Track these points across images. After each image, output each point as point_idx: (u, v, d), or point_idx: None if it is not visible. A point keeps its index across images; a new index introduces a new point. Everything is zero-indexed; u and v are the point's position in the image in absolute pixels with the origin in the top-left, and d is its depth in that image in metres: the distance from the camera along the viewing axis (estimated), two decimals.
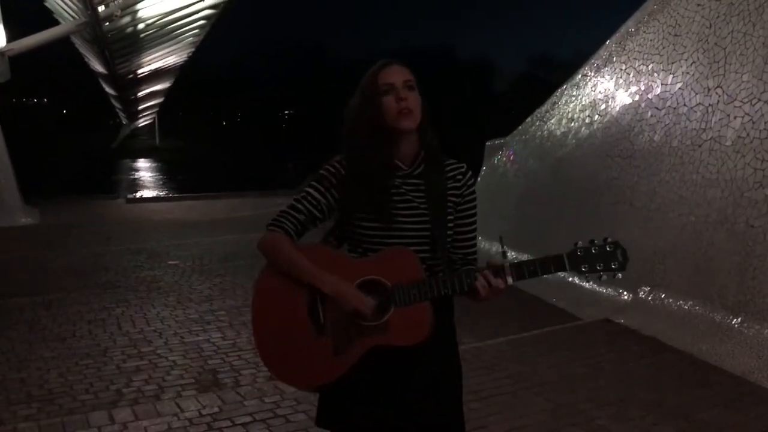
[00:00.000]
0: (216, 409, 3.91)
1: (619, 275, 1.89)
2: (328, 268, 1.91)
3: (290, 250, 1.94)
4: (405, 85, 1.95)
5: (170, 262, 9.01)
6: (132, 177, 37.23)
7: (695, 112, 5.60)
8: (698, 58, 5.72)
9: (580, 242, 1.93)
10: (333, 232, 2.07)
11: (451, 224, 2.03)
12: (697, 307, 5.05)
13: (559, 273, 2.00)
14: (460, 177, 2.07)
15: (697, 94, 5.63)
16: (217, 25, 24.87)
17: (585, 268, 1.90)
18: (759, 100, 4.99)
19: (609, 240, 1.92)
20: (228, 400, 4.03)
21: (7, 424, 3.82)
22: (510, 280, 1.91)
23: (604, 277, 1.90)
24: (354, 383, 1.92)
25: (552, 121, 8.10)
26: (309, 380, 1.95)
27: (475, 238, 2.11)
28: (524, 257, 2.04)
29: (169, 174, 38.16)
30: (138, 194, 23.88)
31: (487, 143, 9.90)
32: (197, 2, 20.07)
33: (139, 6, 18.19)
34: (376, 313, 1.88)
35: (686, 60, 5.87)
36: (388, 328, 1.87)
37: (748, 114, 5.05)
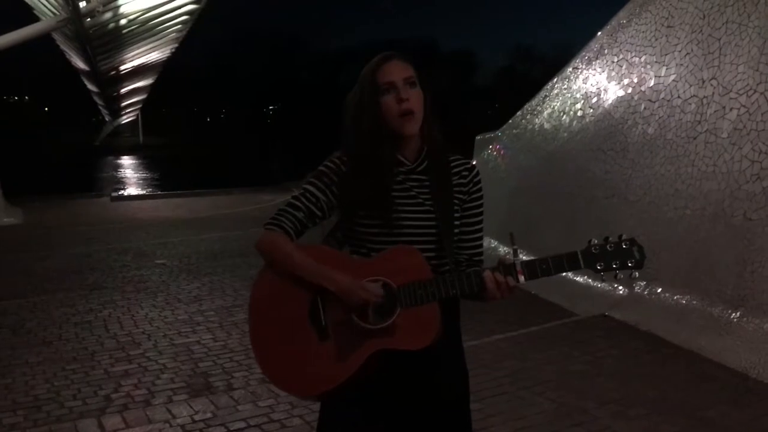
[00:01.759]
0: (209, 415, 3.81)
1: (636, 273, 1.81)
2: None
3: (289, 247, 1.84)
4: (406, 82, 1.86)
5: (157, 262, 8.86)
6: (116, 175, 36.87)
7: (690, 104, 5.55)
8: (692, 50, 5.66)
9: (594, 239, 1.83)
10: (334, 232, 1.98)
11: (457, 222, 1.94)
12: (694, 302, 5.00)
13: None
14: (466, 173, 1.98)
15: (691, 86, 5.57)
16: (200, 20, 24.62)
17: (600, 266, 1.81)
18: (755, 91, 4.93)
19: (624, 237, 1.83)
20: (221, 405, 3.92)
21: None
22: (522, 278, 1.81)
23: (621, 275, 1.82)
24: (356, 390, 1.82)
25: (543, 114, 8.03)
26: (310, 387, 1.84)
27: (482, 238, 2.01)
28: (517, 253, 1.94)
29: (153, 171, 37.86)
30: (123, 192, 23.62)
31: (477, 137, 9.83)
32: None
33: (121, 1, 17.93)
34: (381, 315, 1.78)
35: (680, 51, 5.81)
36: (393, 330, 1.77)
37: (744, 106, 5.00)
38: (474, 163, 2.04)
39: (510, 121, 8.95)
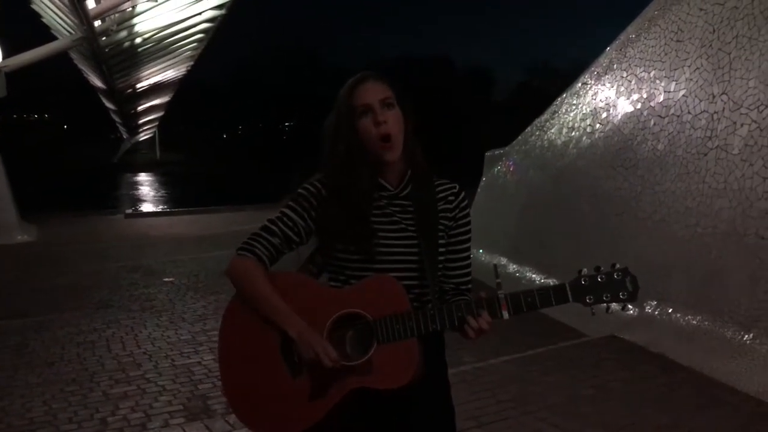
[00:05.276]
0: None
1: (629, 307, 1.71)
2: (303, 300, 1.73)
3: (259, 280, 1.76)
4: (383, 103, 1.78)
5: (165, 279, 8.84)
6: (132, 192, 37.10)
7: (700, 119, 5.43)
8: (702, 64, 5.55)
9: (584, 269, 1.74)
10: (313, 258, 1.90)
11: (442, 249, 1.85)
12: (706, 323, 4.85)
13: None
14: (452, 198, 1.89)
15: (701, 101, 5.46)
16: (216, 38, 24.84)
17: (590, 299, 1.72)
18: (766, 106, 4.81)
19: (617, 266, 1.74)
20: (215, 430, 3.84)
21: None
22: (506, 314, 1.72)
23: (612, 308, 1.72)
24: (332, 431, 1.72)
25: (552, 130, 7.93)
26: (282, 428, 1.73)
27: (469, 266, 1.92)
28: (526, 270, 1.86)
29: (169, 188, 38.04)
30: (137, 209, 23.73)
31: (487, 153, 9.73)
32: (194, 16, 20.02)
33: (135, 21, 18.13)
34: (358, 349, 1.69)
35: (689, 66, 5.70)
36: (369, 368, 1.68)
37: (755, 121, 4.87)
38: (459, 187, 1.94)
39: (519, 137, 8.86)
